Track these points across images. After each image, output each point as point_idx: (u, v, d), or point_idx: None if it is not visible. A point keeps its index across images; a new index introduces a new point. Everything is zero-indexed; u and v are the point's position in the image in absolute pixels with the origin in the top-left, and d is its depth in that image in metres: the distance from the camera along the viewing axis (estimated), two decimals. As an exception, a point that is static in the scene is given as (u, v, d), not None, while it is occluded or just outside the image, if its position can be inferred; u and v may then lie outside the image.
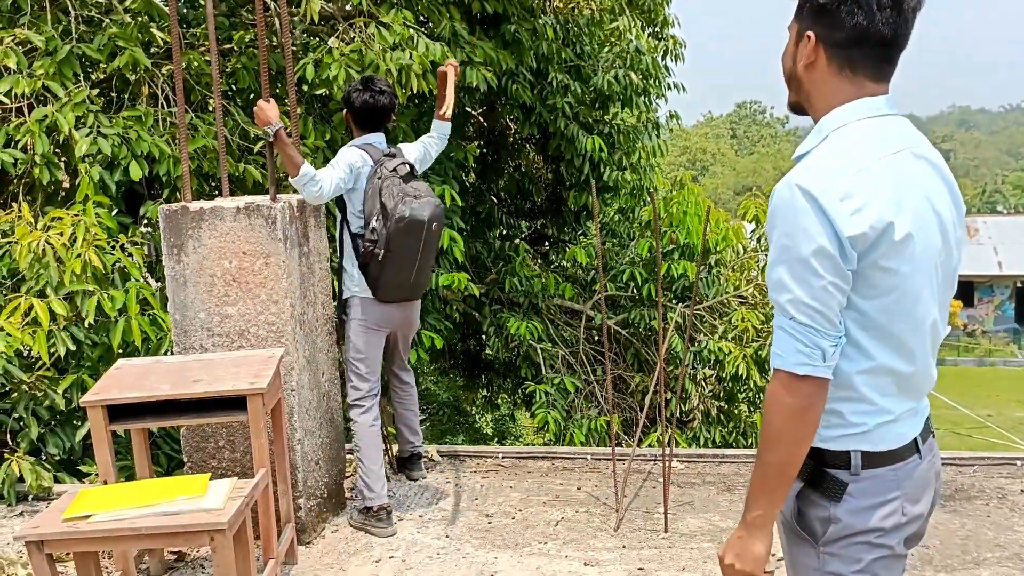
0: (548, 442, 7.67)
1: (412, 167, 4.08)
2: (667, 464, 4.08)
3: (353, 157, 3.96)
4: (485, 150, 9.19)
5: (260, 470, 3.32)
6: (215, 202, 3.87)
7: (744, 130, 76.65)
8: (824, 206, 1.57)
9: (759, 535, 1.70)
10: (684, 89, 9.79)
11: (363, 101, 4.11)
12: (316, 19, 5.61)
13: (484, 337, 9.09)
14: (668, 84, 9.50)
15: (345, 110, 4.23)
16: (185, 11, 7.53)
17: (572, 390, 7.70)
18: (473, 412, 13.73)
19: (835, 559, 1.72)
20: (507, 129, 8.92)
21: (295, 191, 4.20)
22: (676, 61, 9.54)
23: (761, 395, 8.45)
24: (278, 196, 3.89)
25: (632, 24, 8.29)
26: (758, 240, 8.61)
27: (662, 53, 9.32)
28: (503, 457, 5.00)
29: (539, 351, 7.99)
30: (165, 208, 3.81)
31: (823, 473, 1.72)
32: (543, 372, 7.94)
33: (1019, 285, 36.95)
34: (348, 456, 4.80)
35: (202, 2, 7.97)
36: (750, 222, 8.73)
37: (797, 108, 1.80)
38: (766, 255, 8.23)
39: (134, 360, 3.66)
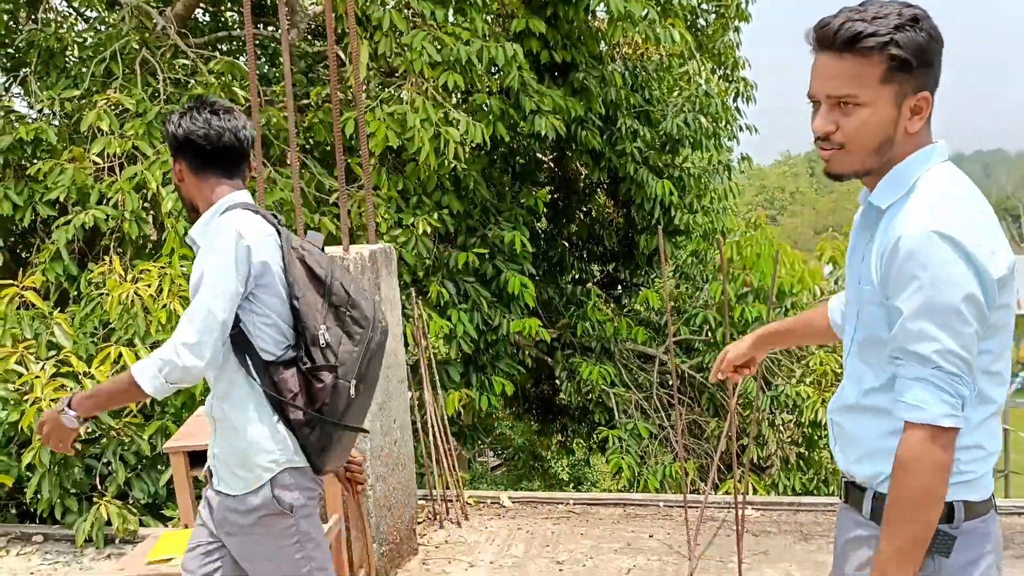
0: (622, 488, 7.59)
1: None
2: (740, 512, 4.00)
3: (232, 236, 2.17)
4: (556, 195, 9.28)
5: (333, 515, 3.38)
6: (291, 254, 4.00)
7: (823, 168, 75.33)
8: (970, 252, 1.53)
9: None
10: (756, 131, 9.75)
11: (216, 130, 2.28)
12: (363, 77, 5.80)
13: (557, 382, 9.09)
14: (740, 126, 9.49)
15: (175, 157, 2.34)
16: (266, 69, 7.88)
17: (646, 435, 7.62)
18: (548, 457, 13.66)
19: None
20: (577, 174, 9.00)
21: (367, 241, 4.32)
22: (747, 103, 9.53)
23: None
24: (350, 247, 4.00)
25: (701, 68, 8.33)
26: (836, 282, 8.44)
27: (733, 95, 9.32)
28: (574, 504, 4.98)
29: (612, 396, 7.94)
30: (244, 260, 3.95)
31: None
32: (616, 417, 7.88)
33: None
34: (420, 502, 4.85)
35: (281, 61, 8.33)
36: (827, 263, 8.58)
37: (862, 173, 1.70)
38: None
39: (214, 407, 3.78)
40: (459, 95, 6.93)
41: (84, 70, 5.90)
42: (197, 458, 3.42)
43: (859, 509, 1.74)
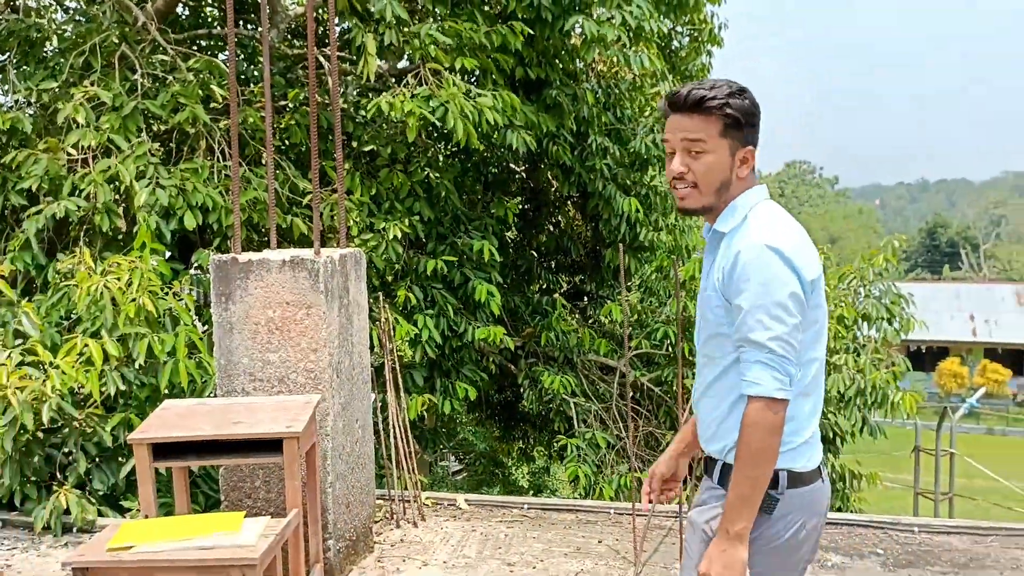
0: (579, 496, 7.73)
1: None
2: (683, 521, 4.15)
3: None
4: (527, 206, 9.43)
5: (292, 510, 3.48)
6: (262, 254, 4.10)
7: (792, 189, 76.41)
8: (790, 259, 1.99)
9: (742, 545, 1.99)
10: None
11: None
12: (373, 78, 5.91)
13: (520, 389, 9.22)
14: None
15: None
16: (245, 66, 7.95)
17: (604, 445, 7.77)
18: (509, 464, 13.77)
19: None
20: (548, 187, 9.16)
21: (338, 244, 4.43)
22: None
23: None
24: (321, 250, 4.11)
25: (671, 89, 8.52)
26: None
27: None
28: (528, 508, 5.10)
29: (572, 405, 8.09)
30: (216, 258, 4.05)
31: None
32: (576, 426, 8.03)
33: (1072, 355, 36.01)
34: (379, 502, 4.95)
35: (260, 61, 8.39)
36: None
37: (708, 209, 2.13)
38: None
39: (179, 401, 3.87)
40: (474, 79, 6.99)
41: (63, 61, 5.94)
42: (160, 450, 3.50)
43: (711, 476, 2.17)
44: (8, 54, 6.08)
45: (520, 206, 8.93)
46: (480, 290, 7.06)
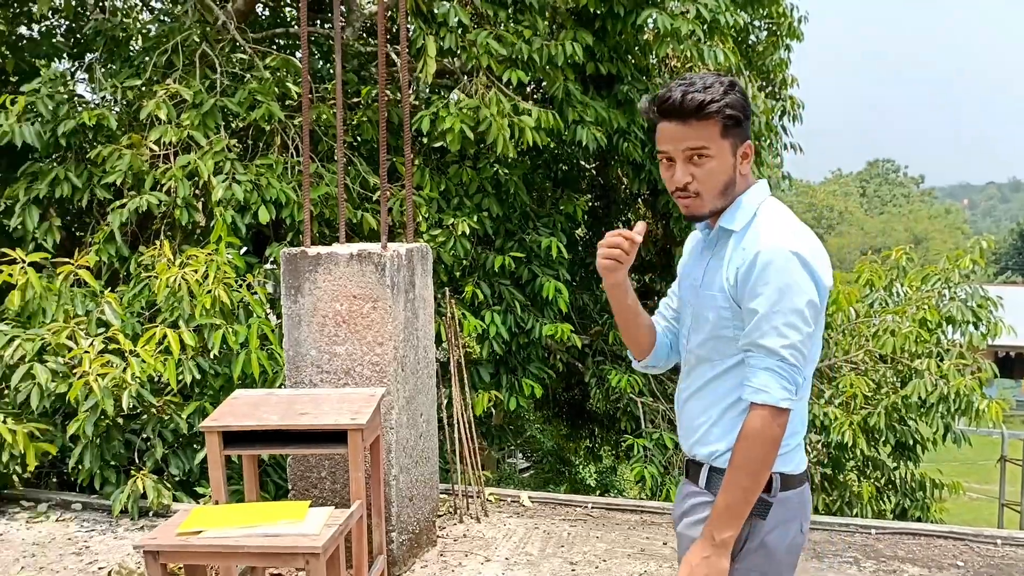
0: (644, 497, 7.66)
1: None
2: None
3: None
4: (596, 203, 9.36)
5: (356, 501, 3.53)
6: (331, 248, 4.17)
7: (875, 189, 74.28)
8: (811, 266, 1.91)
9: (725, 553, 1.93)
10: (800, 149, 9.75)
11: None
12: (429, 80, 5.96)
13: (587, 388, 9.17)
14: (784, 144, 9.49)
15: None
16: (320, 66, 8.08)
17: (671, 446, 7.67)
18: (576, 463, 13.73)
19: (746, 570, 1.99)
20: (619, 184, 9.08)
21: (406, 239, 4.47)
22: (793, 122, 9.53)
23: (870, 465, 8.20)
24: (388, 244, 4.15)
25: (749, 85, 8.36)
26: (871, 305, 8.42)
27: (779, 113, 9.33)
28: (592, 507, 5.07)
29: (640, 405, 8.01)
30: (286, 252, 4.13)
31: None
32: (643, 426, 7.95)
33: None
34: (442, 496, 4.99)
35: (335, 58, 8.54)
36: (864, 286, 8.57)
37: (714, 213, 2.03)
38: (879, 319, 8.05)
39: (249, 392, 3.96)
40: (526, 91, 7.04)
41: (147, 60, 6.14)
42: (231, 438, 3.58)
43: (696, 482, 2.07)
44: (96, 53, 6.30)
45: (589, 203, 8.87)
46: (548, 287, 7.04)
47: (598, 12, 6.49)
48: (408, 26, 6.46)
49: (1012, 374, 34.52)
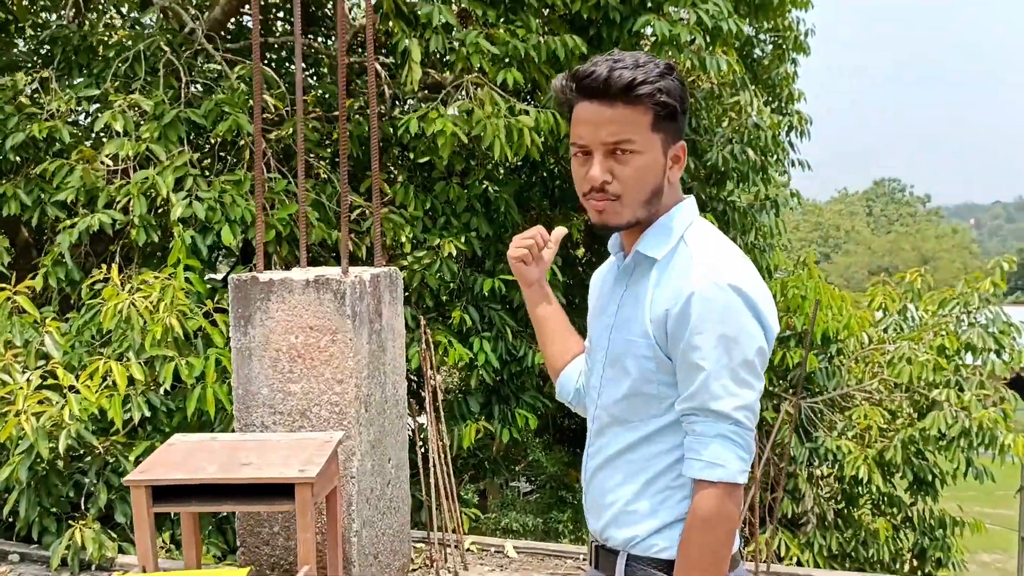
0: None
1: None
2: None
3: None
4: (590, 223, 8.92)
5: (304, 567, 3.06)
6: (285, 273, 3.72)
7: (881, 208, 73.74)
8: (755, 303, 1.56)
9: None
10: (808, 167, 9.31)
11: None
12: (416, 87, 5.53)
13: (586, 416, 8.71)
14: (792, 161, 9.06)
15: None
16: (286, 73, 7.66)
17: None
18: (579, 489, 13.27)
19: None
20: (618, 202, 8.64)
21: (372, 263, 4.03)
22: (801, 137, 9.09)
23: (885, 500, 7.68)
24: (350, 269, 3.70)
25: (754, 99, 7.93)
26: (885, 330, 7.94)
27: (786, 129, 8.90)
28: (584, 559, 4.59)
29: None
30: (234, 278, 3.69)
31: None
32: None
33: None
34: (418, 545, 4.51)
35: (321, 72, 8.13)
36: (878, 310, 8.10)
37: (633, 224, 1.65)
38: (894, 346, 7.56)
39: (189, 436, 3.50)
40: (520, 94, 6.63)
41: (108, 69, 5.71)
42: (163, 492, 3.12)
43: (611, 573, 1.68)
44: (53, 61, 5.89)
45: (587, 222, 8.42)
46: (541, 312, 6.58)
47: (591, 18, 6.06)
48: (383, 30, 6.04)
49: (1024, 396, 33.93)
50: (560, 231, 1.84)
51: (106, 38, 6.16)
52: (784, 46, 9.41)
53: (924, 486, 7.38)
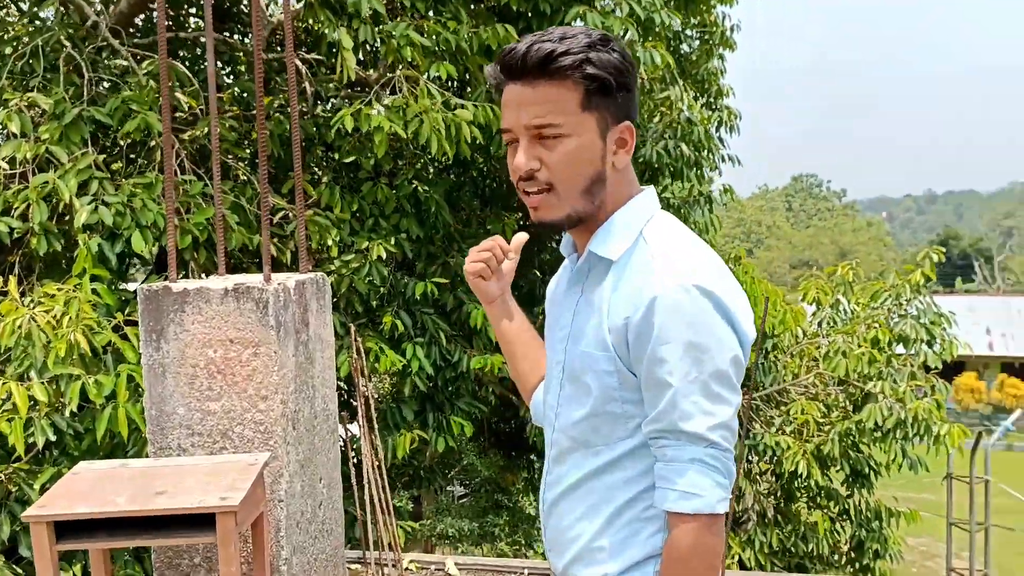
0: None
1: None
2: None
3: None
4: (527, 222, 8.75)
5: (227, 603, 2.78)
6: (201, 282, 3.42)
7: (800, 203, 75.63)
8: (727, 307, 1.39)
9: None
10: (739, 162, 9.32)
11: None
12: (352, 77, 5.26)
13: (524, 419, 8.54)
14: (722, 156, 9.04)
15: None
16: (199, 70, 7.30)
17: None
18: (515, 492, 13.14)
19: None
20: (550, 201, 8.48)
21: (297, 269, 3.76)
22: (731, 133, 9.09)
23: (822, 495, 7.70)
24: (272, 276, 3.42)
25: (684, 94, 7.85)
26: (819, 324, 7.96)
27: (716, 124, 8.87)
28: (528, 572, 4.39)
29: (579, 440, 7.39)
30: (144, 288, 3.37)
31: None
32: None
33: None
34: (353, 566, 4.25)
35: (235, 69, 7.76)
36: (810, 304, 8.12)
37: (575, 219, 1.48)
38: (828, 340, 7.57)
39: (96, 464, 3.18)
40: (452, 88, 6.39)
41: (3, 66, 5.29)
42: (67, 527, 2.81)
43: None
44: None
45: (520, 222, 8.25)
46: (476, 315, 6.37)
47: (521, 11, 5.87)
48: (302, 27, 5.75)
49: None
50: (521, 237, 1.66)
51: (1, 34, 5.72)
52: (711, 41, 9.41)
53: (860, 478, 7.42)
